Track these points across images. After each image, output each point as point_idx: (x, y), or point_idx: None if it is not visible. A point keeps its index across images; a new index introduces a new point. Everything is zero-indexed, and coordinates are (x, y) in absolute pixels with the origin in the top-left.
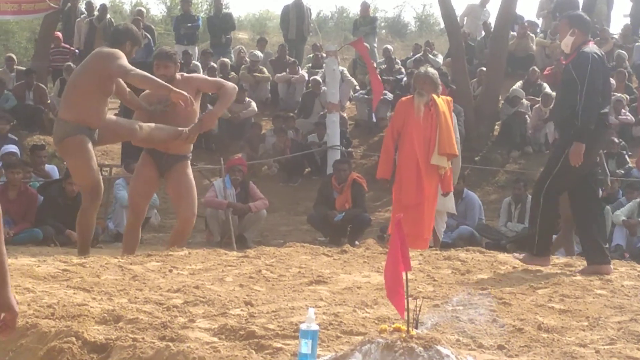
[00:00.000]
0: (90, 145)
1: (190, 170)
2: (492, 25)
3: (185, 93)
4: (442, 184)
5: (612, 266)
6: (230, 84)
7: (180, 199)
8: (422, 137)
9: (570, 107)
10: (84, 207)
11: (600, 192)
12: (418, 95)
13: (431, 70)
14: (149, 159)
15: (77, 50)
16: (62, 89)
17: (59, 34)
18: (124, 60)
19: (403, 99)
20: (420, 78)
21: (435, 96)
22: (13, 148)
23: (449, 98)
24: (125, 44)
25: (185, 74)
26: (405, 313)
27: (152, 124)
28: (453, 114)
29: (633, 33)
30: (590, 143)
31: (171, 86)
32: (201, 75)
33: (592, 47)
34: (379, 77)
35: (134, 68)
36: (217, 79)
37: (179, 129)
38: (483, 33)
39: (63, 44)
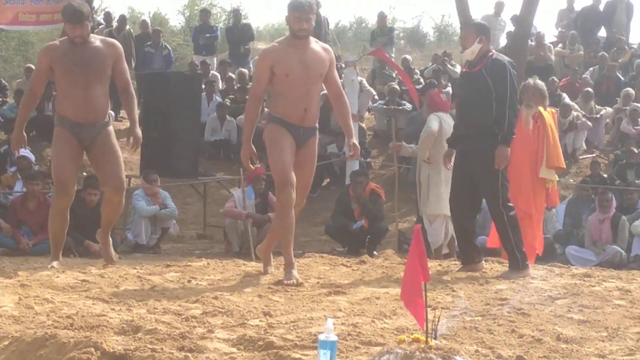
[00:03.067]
0: (67, 138)
1: (316, 143)
2: None
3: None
4: (547, 199)
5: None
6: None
7: (297, 170)
8: (528, 150)
9: (488, 115)
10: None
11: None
12: (526, 107)
13: (539, 82)
14: (284, 131)
15: None
16: None
17: None
18: (38, 66)
19: None
20: (529, 89)
21: (541, 109)
22: (25, 152)
23: (554, 110)
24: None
25: (323, 44)
26: (424, 323)
27: None
28: None
29: None
30: None
31: (19, 130)
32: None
33: (502, 55)
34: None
35: (32, 82)
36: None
37: None
38: (501, 43)
39: None
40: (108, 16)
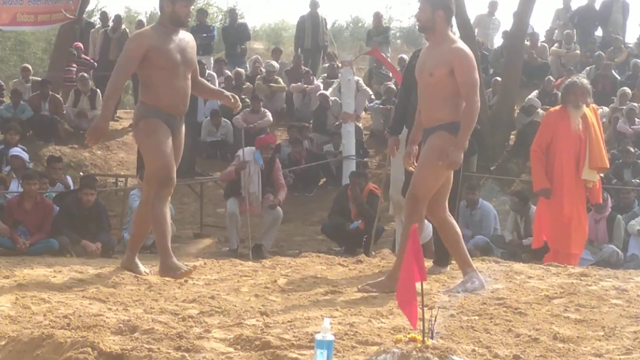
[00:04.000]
0: (165, 128)
1: (440, 142)
2: None
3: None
4: (590, 195)
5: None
6: (477, 105)
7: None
8: (573, 151)
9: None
10: (150, 199)
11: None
12: (575, 108)
13: (584, 80)
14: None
15: (93, 61)
16: (76, 100)
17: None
18: (131, 52)
19: (552, 110)
20: (578, 89)
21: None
22: (18, 151)
23: (595, 106)
24: (163, 5)
25: (455, 45)
26: (421, 323)
27: None
28: None
29: None
30: None
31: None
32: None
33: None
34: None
35: (119, 67)
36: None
37: None
38: (495, 42)
39: (83, 55)
40: (104, 16)
